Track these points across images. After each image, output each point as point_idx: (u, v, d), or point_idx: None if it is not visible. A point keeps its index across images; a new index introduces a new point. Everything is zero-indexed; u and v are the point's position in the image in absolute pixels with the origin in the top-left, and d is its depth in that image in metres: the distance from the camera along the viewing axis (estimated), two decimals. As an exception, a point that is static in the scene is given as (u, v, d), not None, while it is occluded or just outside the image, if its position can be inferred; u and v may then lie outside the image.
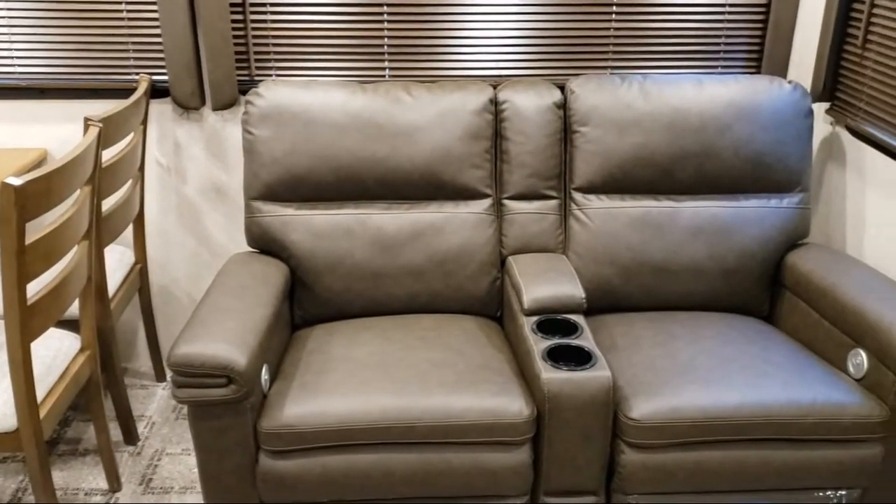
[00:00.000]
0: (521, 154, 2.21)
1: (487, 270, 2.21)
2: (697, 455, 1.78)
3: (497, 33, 2.41)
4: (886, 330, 1.78)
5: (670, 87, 2.21)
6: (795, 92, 2.20)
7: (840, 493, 1.84)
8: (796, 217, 2.21)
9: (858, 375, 1.87)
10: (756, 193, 2.22)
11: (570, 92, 2.23)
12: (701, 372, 1.86)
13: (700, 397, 1.77)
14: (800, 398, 1.77)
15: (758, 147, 2.17)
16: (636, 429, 1.75)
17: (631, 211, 2.21)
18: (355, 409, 1.74)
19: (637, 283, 2.20)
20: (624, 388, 1.83)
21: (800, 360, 1.92)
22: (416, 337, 2.03)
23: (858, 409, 1.77)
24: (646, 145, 2.18)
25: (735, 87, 2.21)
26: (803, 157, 2.20)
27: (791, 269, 2.16)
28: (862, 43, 2.17)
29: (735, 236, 2.19)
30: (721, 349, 1.95)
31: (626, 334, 2.07)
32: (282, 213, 2.15)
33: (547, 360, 1.78)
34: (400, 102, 2.17)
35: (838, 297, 1.95)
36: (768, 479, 1.80)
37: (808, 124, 2.20)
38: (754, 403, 1.76)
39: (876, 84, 2.12)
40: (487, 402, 1.77)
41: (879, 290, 1.92)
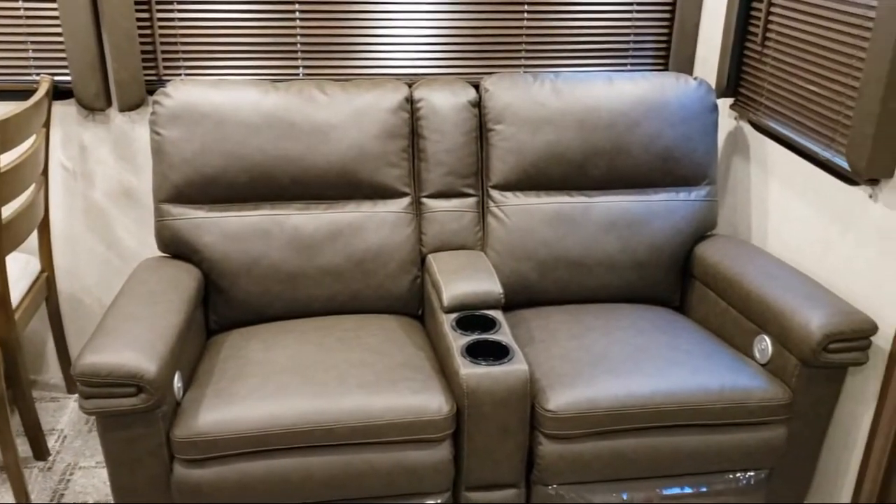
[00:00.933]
0: (438, 152, 2.21)
1: (407, 269, 2.21)
2: (613, 443, 1.82)
3: (412, 32, 2.41)
4: (788, 316, 1.86)
5: (581, 85, 2.26)
6: (700, 88, 2.28)
7: (749, 474, 1.92)
8: (704, 209, 2.29)
9: (764, 360, 1.95)
10: (665, 187, 2.29)
11: (485, 90, 2.25)
12: (615, 362, 1.90)
13: (614, 387, 1.82)
14: (709, 384, 1.84)
15: (666, 142, 2.23)
16: (553, 420, 1.78)
17: (546, 207, 2.24)
18: (272, 414, 1.72)
19: (553, 277, 2.24)
20: (541, 380, 1.86)
21: (709, 347, 1.99)
22: (335, 338, 2.01)
23: (763, 393, 1.84)
24: (559, 142, 2.22)
25: (643, 84, 2.27)
26: (709, 151, 2.28)
27: (700, 260, 2.23)
28: (761, 40, 2.26)
29: (646, 229, 2.25)
30: (634, 339, 2.01)
31: (544, 328, 2.10)
32: (193, 215, 2.10)
33: (466, 356, 1.79)
34: (314, 101, 2.15)
35: (743, 286, 2.02)
36: (681, 464, 1.86)
37: (714, 119, 2.28)
38: (666, 391, 1.81)
39: (775, 80, 2.21)
40: (407, 400, 1.77)
41: (782, 278, 2.00)
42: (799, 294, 1.90)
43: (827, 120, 1.99)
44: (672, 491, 1.90)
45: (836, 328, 1.77)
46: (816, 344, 1.77)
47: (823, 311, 1.81)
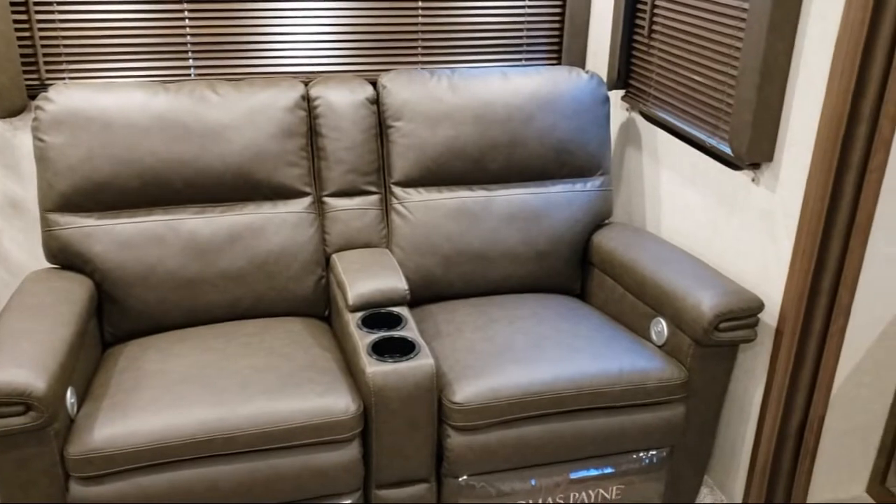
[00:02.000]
0: (338, 150, 2.20)
1: (312, 270, 2.18)
2: (519, 431, 1.85)
3: (307, 30, 2.38)
4: (681, 298, 1.93)
5: (477, 80, 2.28)
6: (592, 81, 2.34)
7: (651, 453, 1.99)
8: (600, 199, 2.35)
9: (660, 342, 2.02)
10: (562, 179, 2.34)
11: (382, 87, 2.24)
12: (518, 351, 1.93)
13: (517, 376, 1.85)
14: (608, 368, 1.89)
15: (560, 135, 2.28)
16: (460, 412, 1.80)
17: (448, 202, 2.26)
18: (171, 425, 1.67)
19: (458, 271, 2.26)
20: (447, 373, 1.87)
21: (608, 332, 2.05)
22: (238, 344, 1.97)
23: (661, 373, 1.91)
24: (457, 137, 2.24)
25: (537, 78, 2.31)
26: (603, 142, 2.35)
27: (597, 248, 2.30)
28: (648, 33, 2.34)
29: (545, 220, 2.30)
30: (536, 328, 2.05)
31: (450, 321, 2.12)
32: (82, 224, 2.02)
33: (372, 354, 1.78)
34: (206, 101, 2.10)
35: (638, 271, 2.09)
36: (586, 447, 1.91)
37: (605, 111, 2.35)
38: (567, 377, 1.86)
39: (662, 71, 2.29)
40: (313, 402, 1.75)
41: (674, 261, 2.08)
42: (690, 276, 1.98)
43: (710, 108, 2.08)
44: (579, 474, 1.95)
45: (725, 308, 1.85)
46: (708, 323, 1.85)
47: (713, 291, 1.89)
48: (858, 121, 1.73)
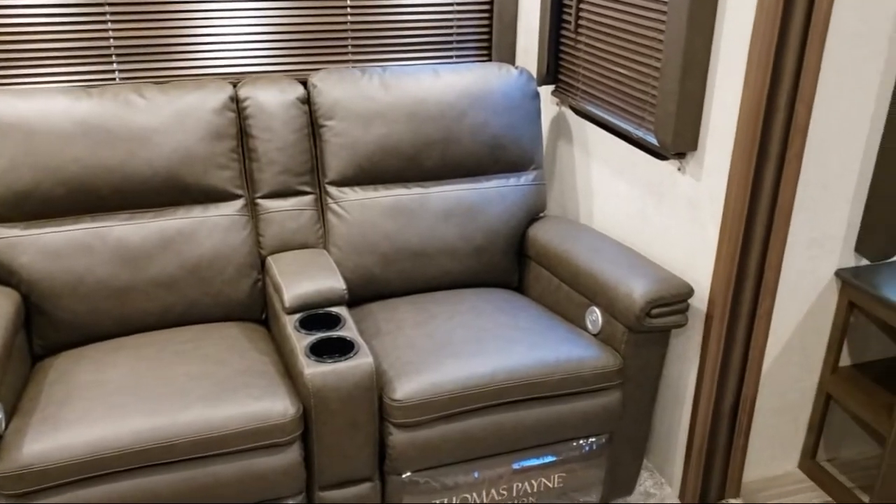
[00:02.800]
0: (270, 151, 2.17)
1: (247, 273, 2.16)
2: (461, 425, 1.87)
3: (234, 30, 2.35)
4: (613, 287, 1.97)
5: (409, 77, 2.29)
6: (522, 77, 2.36)
7: (591, 440, 2.02)
8: (534, 193, 2.38)
9: (595, 331, 2.06)
10: (496, 174, 2.36)
11: (313, 86, 2.23)
12: (458, 346, 1.95)
13: (457, 370, 1.86)
14: (546, 358, 1.92)
15: (493, 130, 2.31)
16: (400, 409, 1.80)
17: (384, 200, 2.26)
18: (106, 437, 1.63)
19: (397, 269, 2.26)
20: (388, 371, 1.88)
21: (545, 323, 2.08)
22: (172, 351, 1.94)
23: (596, 361, 1.95)
24: (391, 135, 2.24)
25: (468, 75, 2.33)
26: (534, 137, 2.38)
27: (533, 241, 2.33)
28: (574, 29, 2.38)
29: (481, 216, 2.32)
30: (475, 322, 2.06)
31: (390, 319, 2.12)
32: (6, 234, 1.95)
33: (310, 356, 1.77)
34: (131, 105, 2.05)
35: (572, 262, 2.13)
36: (526, 437, 1.94)
37: (536, 106, 2.38)
38: (506, 369, 1.88)
39: (589, 65, 2.33)
40: (250, 407, 1.73)
41: (606, 252, 2.12)
42: (622, 265, 2.02)
43: (636, 101, 2.12)
44: (522, 464, 1.97)
45: (656, 294, 1.90)
46: (640, 310, 1.89)
47: (644, 279, 1.94)
48: (775, 109, 1.80)
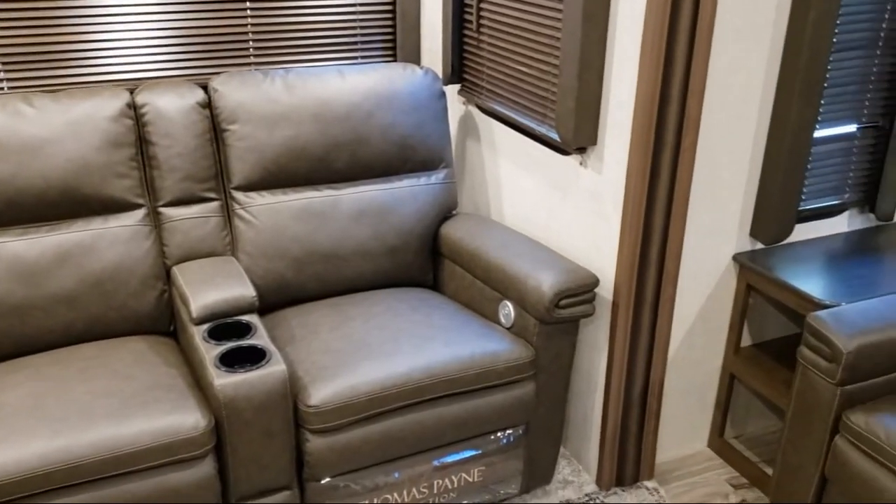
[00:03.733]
0: (171, 158, 2.12)
1: (152, 284, 2.10)
2: (380, 426, 1.87)
3: (129, 35, 2.28)
4: (523, 280, 2.01)
5: (313, 79, 2.27)
6: (427, 76, 2.38)
7: (508, 432, 2.05)
8: (445, 191, 2.40)
9: (508, 324, 2.09)
10: (407, 174, 2.37)
11: (214, 90, 2.18)
12: (374, 347, 1.94)
13: (373, 371, 1.86)
14: (461, 354, 1.94)
15: (401, 130, 2.31)
16: (316, 415, 1.79)
17: (293, 204, 2.23)
18: (7, 462, 1.55)
19: (310, 272, 2.24)
20: (303, 377, 1.86)
21: (459, 319, 2.10)
22: (76, 369, 1.86)
23: (510, 354, 1.98)
24: (297, 138, 2.21)
25: (373, 75, 2.32)
26: (442, 136, 2.39)
27: (445, 239, 2.34)
28: (476, 28, 2.40)
29: (394, 216, 2.32)
30: (391, 322, 2.06)
31: (305, 324, 2.10)
32: None
33: (220, 366, 1.74)
34: (20, 115, 1.96)
35: (484, 258, 2.16)
36: (446, 433, 1.95)
37: (443, 106, 2.39)
38: (423, 367, 1.89)
39: (492, 64, 2.37)
40: (160, 422, 1.69)
41: (517, 246, 2.15)
42: (531, 259, 2.06)
43: (538, 98, 2.16)
44: (442, 461, 1.99)
45: (563, 286, 1.94)
46: (549, 302, 1.93)
47: (552, 272, 1.98)
48: (668, 103, 1.86)
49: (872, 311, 1.82)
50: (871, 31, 2.06)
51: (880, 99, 2.16)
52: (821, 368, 1.78)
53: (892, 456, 1.66)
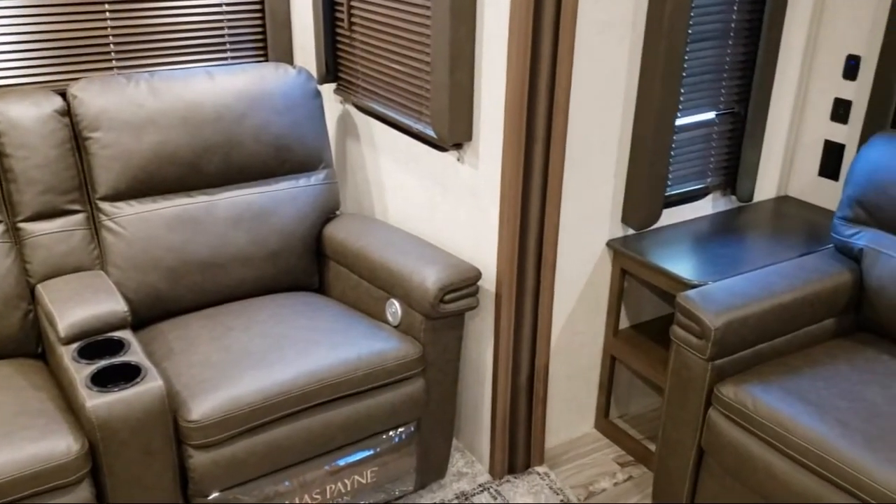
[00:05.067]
0: (28, 170, 1.99)
1: (15, 305, 1.97)
2: (266, 436, 1.82)
3: (-27, 39, 2.13)
4: (408, 277, 2.01)
5: (180, 82, 2.19)
6: (300, 76, 2.34)
7: (400, 430, 2.05)
8: (326, 192, 2.37)
9: (396, 322, 2.09)
10: (285, 175, 2.32)
11: (73, 97, 2.07)
12: (256, 356, 1.90)
13: (257, 381, 1.81)
14: (347, 356, 1.92)
15: (276, 131, 2.26)
16: (198, 430, 1.73)
17: (165, 212, 2.15)
18: None
19: (186, 283, 2.16)
20: (182, 392, 1.79)
21: (346, 321, 2.08)
22: (-71, 401, 1.73)
23: (397, 352, 1.98)
24: (166, 143, 2.13)
25: (244, 76, 2.26)
26: (320, 136, 2.36)
27: (329, 240, 2.31)
28: (348, 25, 2.38)
29: (273, 219, 2.27)
30: (275, 329, 2.02)
31: (183, 337, 2.02)
32: None
33: (92, 387, 1.65)
34: None
35: (368, 257, 2.14)
36: (336, 437, 1.93)
37: (318, 105, 2.36)
38: (308, 372, 1.86)
39: (366, 62, 2.35)
40: (27, 450, 1.59)
41: (401, 244, 2.15)
42: (414, 256, 2.06)
43: (413, 95, 2.17)
44: (333, 465, 1.96)
45: (447, 281, 1.96)
46: (433, 298, 1.94)
47: (435, 267, 1.99)
48: (537, 96, 1.90)
49: (737, 287, 1.93)
50: (722, 23, 2.18)
51: (735, 87, 2.29)
52: (692, 345, 1.87)
53: (759, 423, 1.77)
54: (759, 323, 1.88)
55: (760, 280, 1.96)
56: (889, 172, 1.98)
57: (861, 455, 1.61)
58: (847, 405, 1.75)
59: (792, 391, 1.79)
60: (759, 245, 2.20)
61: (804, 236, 2.26)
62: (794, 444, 1.70)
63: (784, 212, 2.42)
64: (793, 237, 2.25)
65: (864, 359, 1.92)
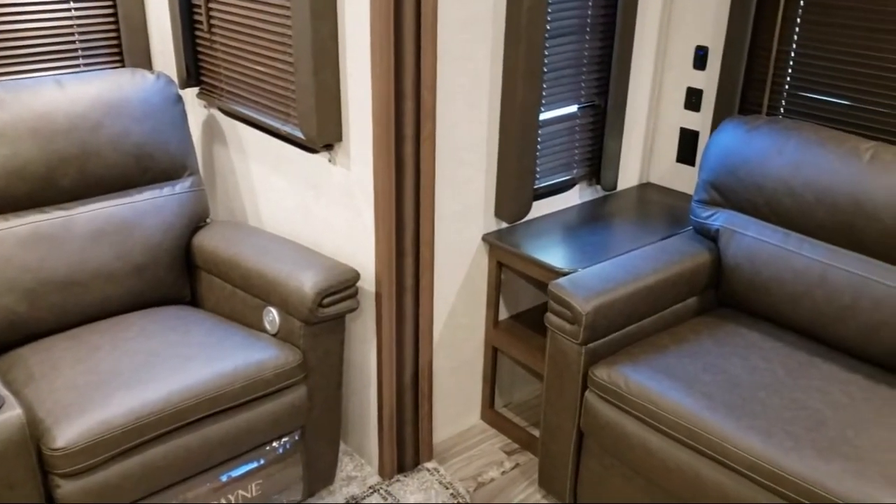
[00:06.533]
0: None
1: None
2: (141, 458, 1.74)
3: None
4: (284, 283, 1.97)
5: (27, 91, 2.05)
6: (160, 81, 2.24)
7: (284, 440, 2.01)
8: (193, 200, 2.29)
9: (274, 330, 2.04)
10: (148, 185, 2.23)
11: None
12: (126, 376, 1.81)
13: (127, 402, 1.73)
14: (223, 369, 1.86)
15: (135, 140, 2.17)
16: (64, 458, 1.63)
17: (18, 230, 2.02)
18: None
19: (46, 304, 2.03)
20: (45, 419, 1.69)
21: (220, 333, 2.02)
22: None
23: (276, 360, 1.94)
24: (15, 156, 2.00)
25: (98, 83, 2.15)
26: (183, 142, 2.27)
27: (199, 250, 2.24)
28: (208, 28, 2.31)
29: (138, 231, 2.17)
30: (144, 346, 1.94)
31: (45, 361, 1.90)
32: None
33: (-60, 422, 1.53)
34: None
35: (242, 265, 2.09)
36: (217, 453, 1.87)
37: (180, 110, 2.27)
38: (182, 389, 1.79)
39: (228, 65, 2.29)
40: None
41: (275, 250, 2.11)
42: (290, 261, 2.02)
43: (278, 97, 2.13)
44: (216, 482, 1.90)
45: (324, 284, 1.93)
46: (311, 302, 1.92)
47: (312, 271, 1.96)
48: (404, 95, 1.91)
49: (605, 273, 2.00)
50: (579, 18, 2.26)
51: (594, 80, 2.38)
52: (566, 331, 1.93)
53: (632, 402, 1.84)
54: (627, 305, 1.97)
55: (626, 264, 2.04)
56: (738, 156, 2.11)
57: (725, 424, 1.71)
58: (711, 378, 1.85)
59: (660, 369, 1.88)
60: (625, 231, 2.30)
61: (666, 220, 2.37)
62: (665, 419, 1.78)
63: (647, 198, 2.54)
64: (655, 222, 2.36)
65: (724, 333, 2.04)
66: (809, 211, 1.98)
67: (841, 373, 1.88)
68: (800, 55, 2.21)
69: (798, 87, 2.23)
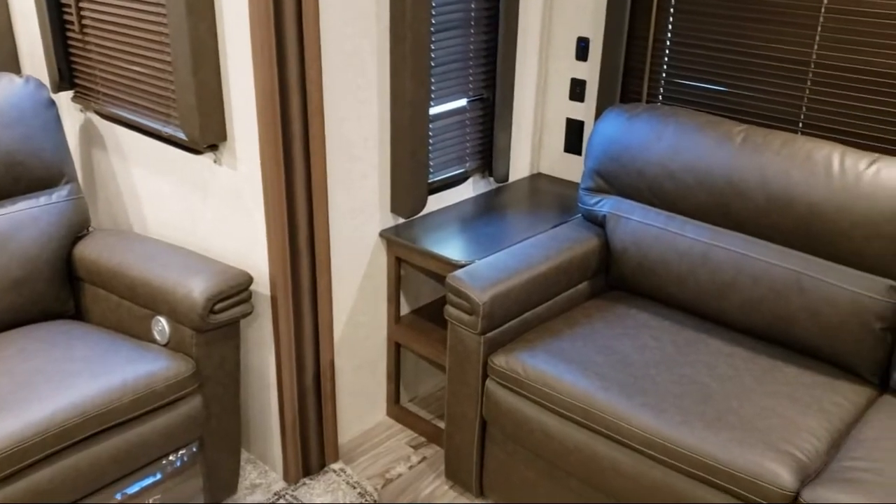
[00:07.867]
0: None
1: None
2: (26, 483, 1.65)
3: None
4: (172, 291, 1.91)
5: None
6: (29, 85, 2.13)
7: (181, 453, 1.95)
8: (71, 209, 2.18)
9: (164, 341, 1.97)
10: (22, 195, 2.11)
11: None
12: (4, 397, 1.71)
13: (7, 424, 1.63)
14: (111, 384, 1.78)
15: (5, 147, 2.04)
16: (-63, 490, 1.53)
17: None
18: None
19: (-89, 327, 1.90)
20: (-87, 451, 1.57)
21: (106, 347, 1.93)
22: None
23: (167, 371, 1.87)
24: None
25: (-42, 88, 2.02)
26: (58, 148, 2.16)
27: (81, 261, 2.13)
28: (80, 28, 2.20)
29: (12, 244, 2.05)
30: (24, 365, 1.83)
31: (-88, 389, 1.77)
32: None
33: None
34: None
35: (127, 275, 2.01)
36: (110, 471, 1.79)
37: (53, 115, 2.16)
38: (67, 407, 1.70)
39: (104, 66, 2.19)
40: None
41: (162, 257, 2.03)
42: (178, 268, 1.96)
43: (158, 98, 2.05)
44: (115, 498, 1.82)
45: (215, 289, 1.88)
46: (202, 309, 1.86)
47: (201, 277, 1.90)
48: (289, 92, 1.88)
49: (500, 263, 2.03)
50: (463, 12, 2.27)
51: (482, 73, 2.41)
52: (464, 322, 1.95)
53: (530, 387, 1.88)
54: (522, 293, 2.00)
55: (520, 253, 2.08)
56: (620, 144, 2.18)
57: (618, 403, 1.77)
58: (603, 359, 1.91)
59: (556, 353, 1.93)
60: (518, 221, 2.34)
61: (556, 209, 2.43)
62: (562, 401, 1.83)
63: (538, 188, 2.59)
64: (546, 211, 2.42)
65: (615, 314, 2.11)
66: (689, 193, 2.07)
67: (725, 346, 1.97)
68: (675, 44, 2.30)
69: (674, 75, 2.32)
